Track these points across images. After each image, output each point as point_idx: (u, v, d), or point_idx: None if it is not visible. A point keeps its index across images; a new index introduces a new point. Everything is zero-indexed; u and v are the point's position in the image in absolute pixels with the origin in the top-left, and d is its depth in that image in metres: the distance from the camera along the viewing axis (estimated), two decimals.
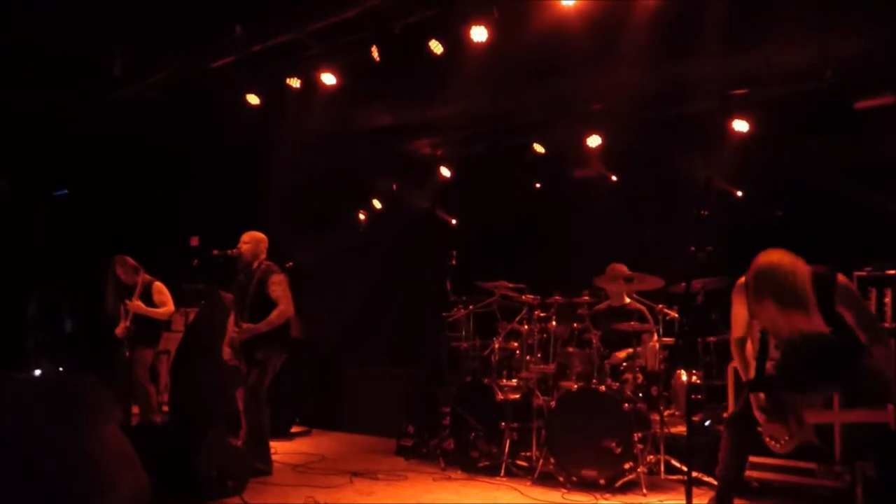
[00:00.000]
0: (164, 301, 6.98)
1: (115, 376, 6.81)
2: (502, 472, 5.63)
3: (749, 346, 3.86)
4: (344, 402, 8.20)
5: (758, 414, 3.60)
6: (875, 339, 3.45)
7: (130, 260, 6.94)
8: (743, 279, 3.72)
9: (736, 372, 5.05)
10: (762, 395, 3.59)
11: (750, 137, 6.70)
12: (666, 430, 5.44)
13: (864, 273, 5.31)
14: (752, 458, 4.62)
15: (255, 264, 5.87)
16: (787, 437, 3.53)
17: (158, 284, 7.02)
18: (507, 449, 5.72)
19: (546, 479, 5.42)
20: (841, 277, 3.51)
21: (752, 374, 3.70)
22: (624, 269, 6.17)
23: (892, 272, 5.17)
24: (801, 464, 4.50)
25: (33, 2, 6.92)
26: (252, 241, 5.91)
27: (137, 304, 6.75)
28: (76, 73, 7.98)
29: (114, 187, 9.63)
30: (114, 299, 6.98)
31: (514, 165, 8.45)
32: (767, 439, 3.60)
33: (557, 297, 6.03)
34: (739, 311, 3.81)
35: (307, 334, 8.14)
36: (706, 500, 3.81)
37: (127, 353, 6.71)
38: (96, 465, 2.35)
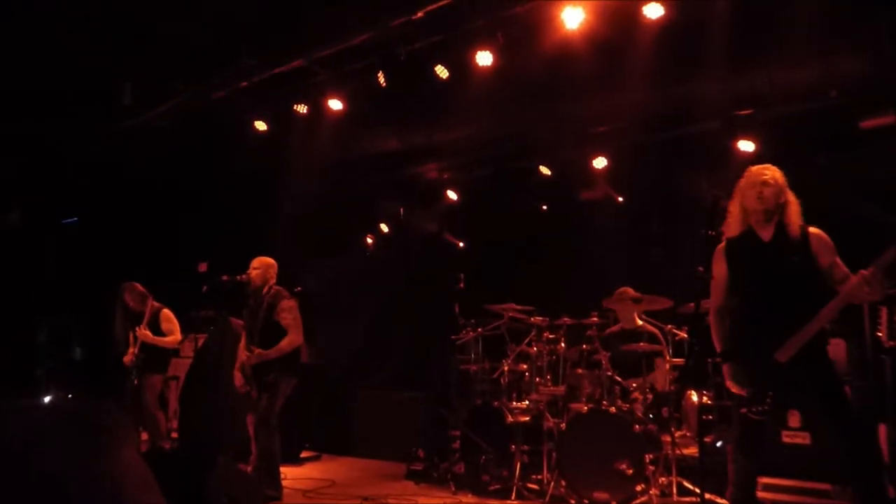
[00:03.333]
0: (172, 329, 7.00)
1: (124, 403, 6.81)
2: (513, 495, 5.60)
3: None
4: (353, 426, 8.17)
5: (731, 385, 3.62)
6: (844, 279, 3.55)
7: (139, 287, 6.97)
8: (722, 245, 3.84)
9: None
10: (732, 366, 3.63)
11: (756, 157, 6.71)
12: (678, 452, 5.41)
13: None
14: (766, 480, 4.59)
15: (265, 289, 5.88)
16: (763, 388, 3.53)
17: (166, 312, 7.04)
18: (517, 472, 5.69)
19: (558, 503, 5.39)
20: (811, 227, 3.70)
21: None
22: (631, 291, 6.17)
23: None
24: (816, 485, 4.46)
25: (43, 32, 7.01)
26: (262, 266, 5.93)
27: (145, 333, 6.76)
28: (86, 102, 8.06)
29: (123, 215, 9.69)
30: (123, 326, 7.00)
31: (521, 188, 8.47)
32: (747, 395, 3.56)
33: (566, 319, 6.03)
34: (719, 275, 3.84)
35: (316, 359, 8.13)
36: None
37: (136, 381, 6.72)
38: (120, 490, 2.35)
